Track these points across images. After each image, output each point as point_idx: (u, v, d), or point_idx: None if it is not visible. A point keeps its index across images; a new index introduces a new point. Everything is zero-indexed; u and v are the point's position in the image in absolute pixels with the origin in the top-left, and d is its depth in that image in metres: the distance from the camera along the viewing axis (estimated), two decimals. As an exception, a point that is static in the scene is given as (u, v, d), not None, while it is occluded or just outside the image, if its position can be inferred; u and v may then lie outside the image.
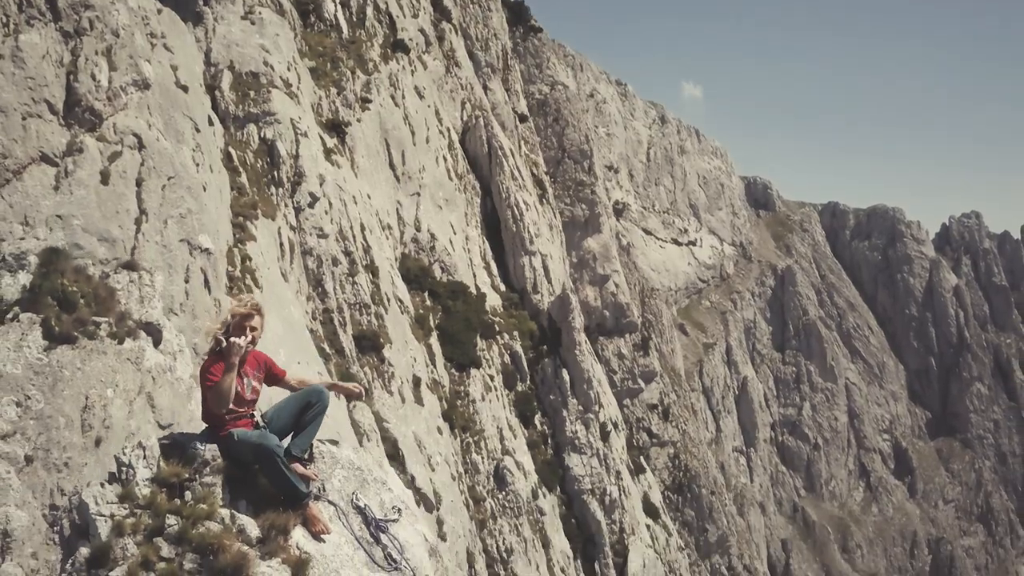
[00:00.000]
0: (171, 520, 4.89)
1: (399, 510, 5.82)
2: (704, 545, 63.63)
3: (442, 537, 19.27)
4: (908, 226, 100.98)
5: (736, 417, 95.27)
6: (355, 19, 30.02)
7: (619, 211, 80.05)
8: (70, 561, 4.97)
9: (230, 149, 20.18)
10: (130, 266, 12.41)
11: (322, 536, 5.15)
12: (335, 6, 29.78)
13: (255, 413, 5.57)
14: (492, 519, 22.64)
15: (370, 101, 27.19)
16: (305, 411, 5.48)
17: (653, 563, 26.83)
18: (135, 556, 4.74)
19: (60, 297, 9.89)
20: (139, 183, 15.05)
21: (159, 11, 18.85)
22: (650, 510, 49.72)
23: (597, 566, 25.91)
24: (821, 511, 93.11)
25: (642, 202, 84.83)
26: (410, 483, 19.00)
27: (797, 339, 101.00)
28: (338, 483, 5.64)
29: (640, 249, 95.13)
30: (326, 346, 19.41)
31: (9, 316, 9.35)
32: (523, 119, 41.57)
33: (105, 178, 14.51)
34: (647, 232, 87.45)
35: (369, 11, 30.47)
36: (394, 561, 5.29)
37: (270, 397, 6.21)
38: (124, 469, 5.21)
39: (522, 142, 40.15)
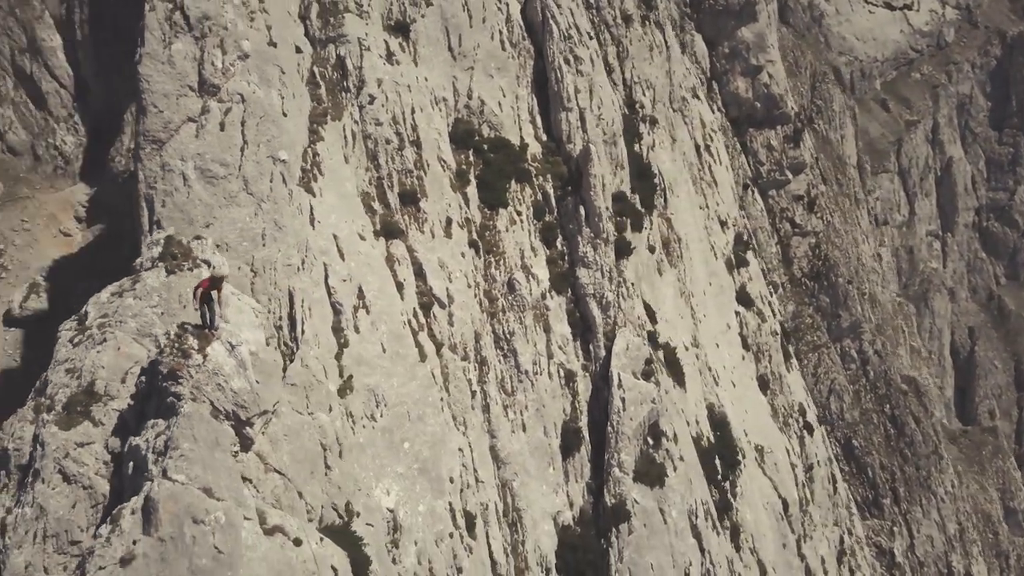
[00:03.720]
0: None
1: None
2: (836, 329, 72.44)
3: (451, 323, 30.81)
4: None
5: (935, 200, 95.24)
6: (430, -81, 37.74)
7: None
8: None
9: (314, 68, 30.52)
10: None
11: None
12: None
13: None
14: (502, 312, 33.90)
15: (433, -2, 35.89)
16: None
17: (637, 346, 37.38)
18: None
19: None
20: (243, 124, 25.96)
21: None
22: (743, 299, 59.62)
23: (591, 346, 36.88)
24: (1020, 300, 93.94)
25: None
26: (429, 291, 30.41)
27: (1020, 116, 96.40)
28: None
29: (843, 15, 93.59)
30: (376, 204, 30.33)
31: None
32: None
33: (222, 126, 25.55)
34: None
35: (443, -91, 38.05)
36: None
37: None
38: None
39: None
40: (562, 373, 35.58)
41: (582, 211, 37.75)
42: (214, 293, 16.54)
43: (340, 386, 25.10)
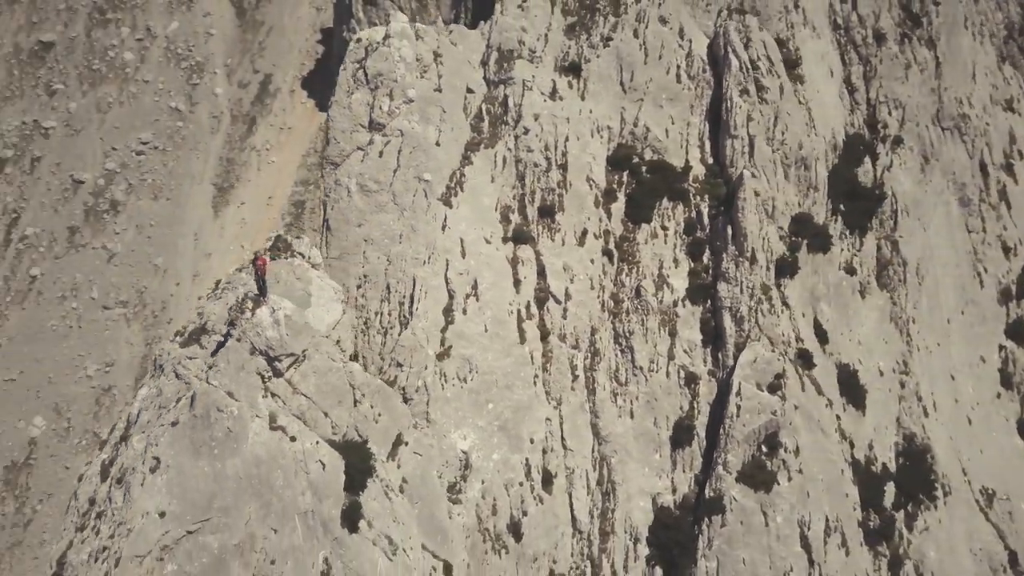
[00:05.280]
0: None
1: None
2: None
3: (564, 317, 37.38)
4: None
5: None
6: (625, -32, 43.48)
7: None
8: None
9: (483, 105, 38.88)
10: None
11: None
12: (614, -40, 43.47)
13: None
14: (625, 313, 39.51)
15: (611, 39, 41.84)
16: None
17: (767, 360, 40.26)
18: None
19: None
20: (398, 152, 35.28)
21: (450, 31, 37.75)
22: (1014, 333, 58.16)
23: (720, 354, 40.75)
24: None
25: None
26: (546, 288, 37.21)
27: None
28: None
29: None
30: (514, 215, 37.76)
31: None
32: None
33: (381, 154, 35.04)
34: None
35: (637, -41, 43.62)
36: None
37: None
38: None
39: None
40: (682, 374, 40.02)
41: (729, 230, 41.36)
42: (267, 270, 25.76)
43: (439, 352, 33.42)
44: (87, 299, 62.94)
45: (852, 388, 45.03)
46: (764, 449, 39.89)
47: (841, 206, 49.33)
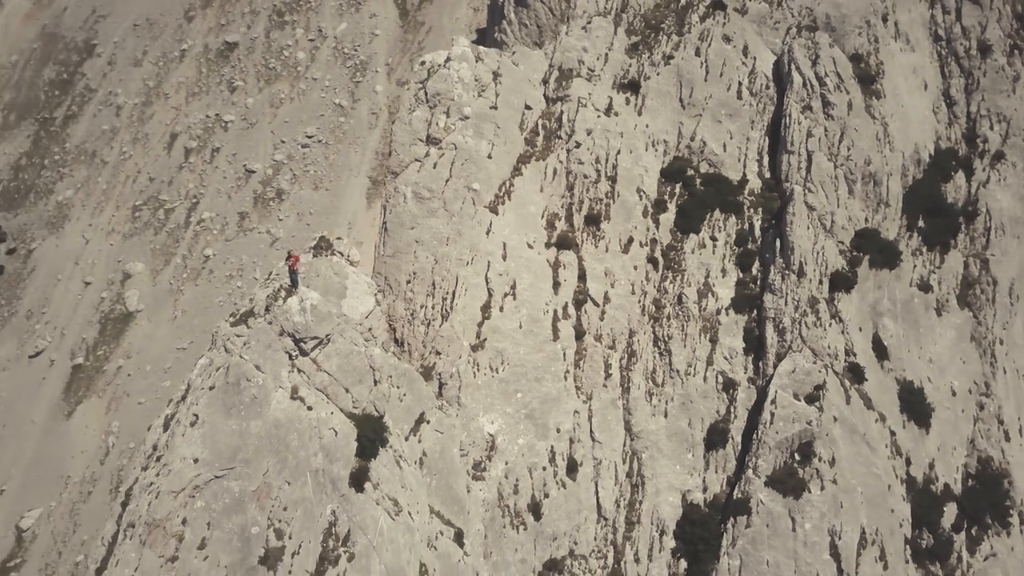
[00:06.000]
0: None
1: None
2: None
3: (602, 319, 40.22)
4: None
5: None
6: (695, -12, 45.39)
7: None
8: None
9: (540, 120, 42.31)
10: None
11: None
12: (684, -20, 45.45)
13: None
14: (666, 318, 41.83)
15: (672, 57, 43.97)
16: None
17: (807, 371, 41.32)
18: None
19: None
20: (451, 164, 39.50)
21: (512, 52, 41.65)
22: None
23: (760, 363, 42.23)
24: None
25: None
26: (585, 291, 40.14)
27: None
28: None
29: None
30: (560, 223, 40.86)
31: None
32: None
33: (435, 165, 39.42)
34: None
35: (707, -22, 45.42)
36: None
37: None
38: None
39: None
40: (720, 380, 41.85)
41: (778, 243, 42.62)
42: (297, 266, 30.42)
43: (474, 344, 37.33)
44: (251, 278, 70.23)
45: (915, 405, 45.05)
46: (797, 457, 41.04)
47: (920, 222, 48.98)
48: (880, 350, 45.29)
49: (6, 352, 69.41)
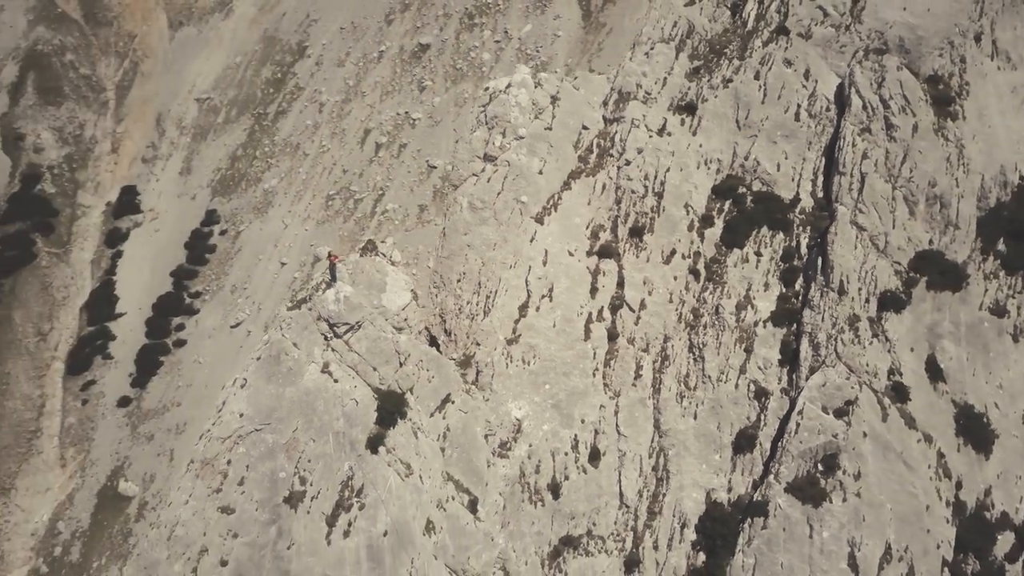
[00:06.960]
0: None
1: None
2: None
3: (636, 323, 43.70)
4: None
5: None
6: (762, 13, 47.07)
7: None
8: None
9: (596, 139, 46.42)
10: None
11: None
12: (753, 4, 47.26)
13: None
14: (702, 327, 44.62)
15: (731, 80, 46.23)
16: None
17: (838, 385, 42.60)
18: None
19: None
20: (504, 179, 44.95)
21: (575, 76, 46.40)
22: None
23: (794, 375, 44.03)
24: None
25: None
26: (622, 297, 43.71)
27: None
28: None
29: None
30: (604, 233, 44.59)
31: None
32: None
33: (489, 180, 44.90)
34: None
35: (774, 4, 47.03)
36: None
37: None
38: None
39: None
40: (752, 388, 44.02)
41: (820, 261, 44.06)
42: (337, 263, 36.63)
43: (510, 338, 42.27)
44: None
45: (974, 429, 45.01)
46: (820, 467, 42.61)
47: (1001, 245, 48.15)
48: (935, 371, 45.38)
49: (213, 322, 78.97)
